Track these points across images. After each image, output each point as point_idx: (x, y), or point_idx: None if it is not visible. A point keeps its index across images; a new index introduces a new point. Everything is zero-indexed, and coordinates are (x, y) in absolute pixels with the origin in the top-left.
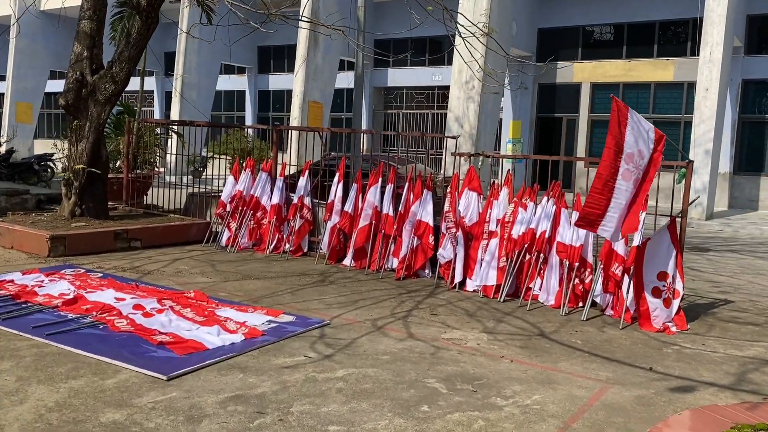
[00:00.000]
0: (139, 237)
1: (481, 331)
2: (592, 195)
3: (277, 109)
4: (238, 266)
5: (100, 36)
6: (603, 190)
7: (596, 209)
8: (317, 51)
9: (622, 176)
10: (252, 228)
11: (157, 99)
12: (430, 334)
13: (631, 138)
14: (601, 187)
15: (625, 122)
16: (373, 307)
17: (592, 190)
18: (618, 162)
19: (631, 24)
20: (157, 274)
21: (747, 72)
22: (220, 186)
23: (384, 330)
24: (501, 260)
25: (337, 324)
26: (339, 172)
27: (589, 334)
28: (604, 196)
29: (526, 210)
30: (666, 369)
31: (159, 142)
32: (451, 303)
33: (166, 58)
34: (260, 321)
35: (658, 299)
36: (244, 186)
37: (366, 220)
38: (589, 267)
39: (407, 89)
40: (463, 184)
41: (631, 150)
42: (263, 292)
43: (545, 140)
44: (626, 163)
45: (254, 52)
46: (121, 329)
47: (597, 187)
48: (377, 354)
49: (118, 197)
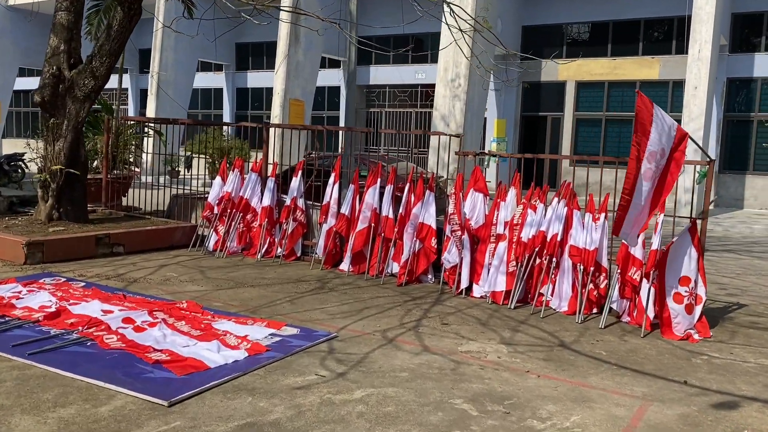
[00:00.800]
0: (122, 242)
1: (499, 342)
2: (623, 197)
3: (256, 107)
4: (229, 272)
5: (78, 29)
6: (632, 191)
7: (625, 211)
8: (298, 47)
9: (644, 176)
10: (241, 231)
11: (132, 97)
12: (445, 346)
13: (655, 135)
14: (630, 188)
15: (650, 119)
16: (379, 317)
17: (623, 192)
18: (641, 161)
19: (617, 22)
20: (144, 282)
21: (732, 70)
22: (200, 186)
23: (396, 342)
24: (510, 265)
25: (345, 336)
26: (335, 173)
27: (612, 343)
28: (629, 197)
29: (535, 212)
30: (701, 382)
31: (138, 141)
32: (461, 311)
33: (141, 55)
34: (262, 334)
35: (680, 305)
36: (233, 187)
37: (364, 223)
38: (605, 271)
39: (390, 87)
40: (468, 185)
41: (654, 148)
42: (260, 302)
43: (530, 139)
44: (648, 162)
45: (232, 49)
46: (112, 346)
47: (627, 188)
48: (394, 371)
49: (97, 199)
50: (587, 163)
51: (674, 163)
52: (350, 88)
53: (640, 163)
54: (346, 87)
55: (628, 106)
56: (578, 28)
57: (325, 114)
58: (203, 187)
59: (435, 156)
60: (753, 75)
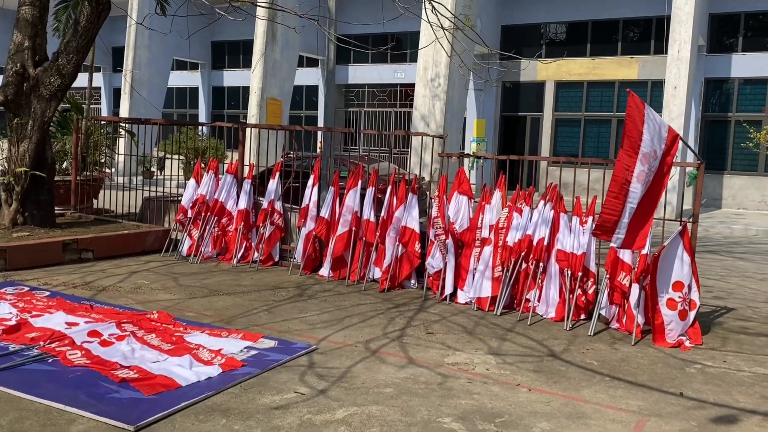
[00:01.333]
0: (91, 247)
1: (487, 352)
2: (608, 200)
3: (232, 107)
4: (203, 279)
5: (44, 24)
6: (619, 194)
7: (613, 215)
8: (275, 46)
9: (637, 178)
10: (216, 236)
11: (105, 96)
12: (431, 358)
13: (647, 137)
14: (617, 191)
15: (642, 119)
16: (362, 326)
17: (608, 195)
18: (633, 163)
19: (596, 21)
20: (113, 291)
21: (710, 71)
22: (174, 188)
23: (380, 354)
24: (496, 270)
25: (326, 348)
26: (314, 174)
27: (602, 352)
28: (620, 200)
29: (521, 215)
30: (697, 394)
31: (109, 142)
32: (446, 318)
33: (115, 53)
34: (238, 348)
35: (674, 311)
36: (207, 189)
37: (345, 227)
38: (592, 276)
39: (369, 87)
40: (452, 187)
41: (647, 150)
42: (236, 311)
43: (509, 139)
44: (642, 164)
45: (207, 47)
46: (75, 363)
47: (613, 191)
48: (378, 386)
49: (66, 202)
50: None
51: (666, 166)
52: (329, 87)
53: (631, 165)
54: (325, 86)
55: (607, 106)
56: (557, 27)
57: (303, 113)
58: (177, 188)
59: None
60: (730, 75)
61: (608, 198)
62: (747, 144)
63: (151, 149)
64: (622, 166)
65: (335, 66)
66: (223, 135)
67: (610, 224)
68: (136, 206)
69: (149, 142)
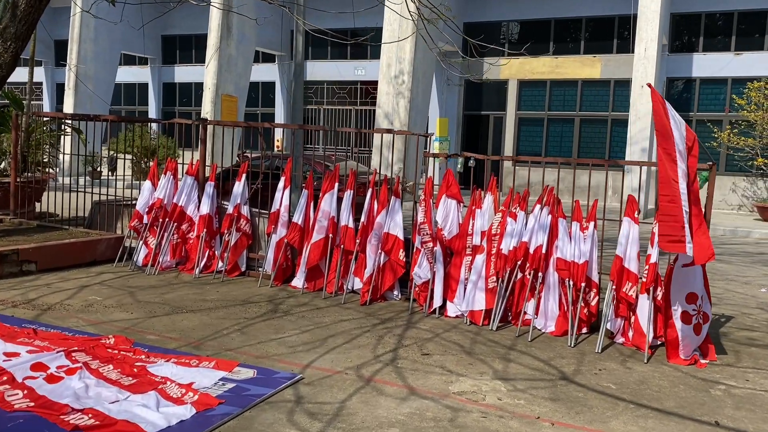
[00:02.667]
0: (34, 258)
1: (493, 377)
2: (663, 205)
3: (184, 103)
4: (163, 294)
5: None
6: (673, 196)
7: (677, 221)
8: (230, 40)
9: (682, 177)
10: (176, 244)
11: (47, 92)
12: (434, 386)
13: (677, 134)
14: (671, 193)
15: (666, 114)
16: (348, 348)
17: (662, 199)
18: (674, 161)
19: (558, 20)
20: (61, 310)
21: (671, 70)
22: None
23: (375, 384)
24: (490, 280)
25: (313, 377)
26: (285, 176)
27: (616, 373)
28: (676, 204)
29: (516, 220)
30: (734, 422)
31: (53, 140)
32: (438, 335)
33: (57, 46)
34: (212, 380)
35: (689, 325)
36: (165, 193)
37: (321, 233)
38: (595, 287)
39: (328, 84)
40: (439, 191)
41: (680, 147)
42: (204, 332)
43: (472, 138)
44: (682, 162)
45: (158, 41)
46: (16, 407)
47: (666, 194)
48: (381, 426)
49: (4, 206)
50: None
51: (690, 169)
52: (297, 81)
53: (674, 164)
54: (294, 80)
55: (569, 105)
56: (520, 25)
57: (259, 111)
58: (127, 189)
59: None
60: (692, 75)
61: (662, 203)
62: (712, 144)
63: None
64: (666, 166)
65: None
66: (174, 133)
67: (676, 232)
68: (84, 210)
69: (97, 140)
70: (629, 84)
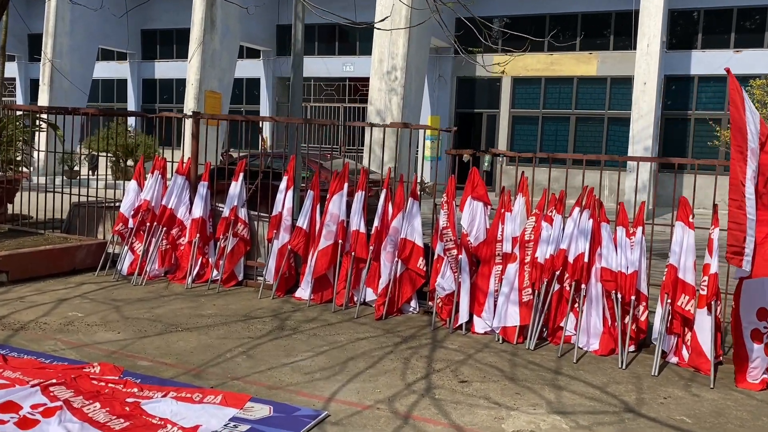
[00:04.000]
0: (6, 267)
1: (548, 410)
2: (732, 212)
3: (165, 100)
4: (154, 308)
5: None
6: (742, 203)
7: (742, 231)
8: (214, 34)
9: (751, 180)
10: (165, 250)
11: (21, 87)
12: (484, 423)
13: (752, 128)
14: (740, 198)
15: (743, 104)
16: (373, 374)
17: (731, 205)
18: (745, 159)
19: (554, 16)
20: (36, 330)
21: (669, 68)
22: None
23: (415, 422)
24: (524, 293)
25: (339, 413)
26: (287, 176)
27: (685, 402)
28: (744, 211)
29: (552, 225)
30: None
31: (26, 137)
32: (471, 357)
33: (32, 40)
34: (220, 421)
35: (760, 345)
36: (153, 194)
37: (329, 239)
38: (644, 300)
39: (315, 80)
40: (464, 192)
41: (753, 145)
42: (204, 355)
43: (464, 137)
44: (752, 161)
45: (137, 36)
46: None
47: (735, 199)
48: None
49: None
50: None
51: (763, 167)
52: (296, 73)
53: (743, 164)
54: (293, 72)
55: (565, 102)
56: (515, 21)
57: (243, 108)
58: (106, 189)
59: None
60: (690, 73)
61: (731, 209)
62: (713, 143)
63: (79, 147)
64: (736, 167)
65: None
66: (153, 130)
67: (739, 243)
68: (62, 212)
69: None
70: (626, 81)
